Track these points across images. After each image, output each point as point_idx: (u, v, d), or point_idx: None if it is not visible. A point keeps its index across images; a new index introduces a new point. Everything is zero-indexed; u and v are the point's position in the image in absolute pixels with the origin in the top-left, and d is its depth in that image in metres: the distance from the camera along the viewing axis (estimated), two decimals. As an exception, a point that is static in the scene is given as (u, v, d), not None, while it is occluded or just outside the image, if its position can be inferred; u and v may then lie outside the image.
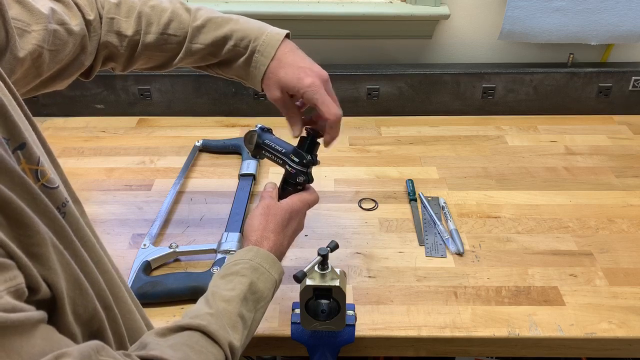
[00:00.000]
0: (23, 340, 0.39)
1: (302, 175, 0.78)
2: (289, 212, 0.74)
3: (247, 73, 0.77)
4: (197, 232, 0.97)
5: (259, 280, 0.65)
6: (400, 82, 1.29)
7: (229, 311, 0.61)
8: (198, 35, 0.76)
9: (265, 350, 0.82)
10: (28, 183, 0.44)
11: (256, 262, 0.66)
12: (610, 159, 1.17)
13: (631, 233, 0.96)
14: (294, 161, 0.78)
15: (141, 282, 0.84)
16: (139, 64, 0.80)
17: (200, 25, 0.76)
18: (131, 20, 0.76)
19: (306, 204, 0.77)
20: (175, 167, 1.14)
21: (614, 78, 1.28)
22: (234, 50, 0.76)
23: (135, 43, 0.77)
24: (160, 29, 0.76)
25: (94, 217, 1.01)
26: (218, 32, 0.76)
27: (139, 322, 0.60)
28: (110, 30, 0.75)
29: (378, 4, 1.27)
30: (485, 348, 0.80)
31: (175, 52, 0.78)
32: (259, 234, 0.71)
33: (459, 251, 0.92)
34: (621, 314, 0.81)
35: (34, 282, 0.43)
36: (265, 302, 0.66)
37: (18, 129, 0.47)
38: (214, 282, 0.65)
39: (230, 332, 0.58)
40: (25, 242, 0.42)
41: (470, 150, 1.20)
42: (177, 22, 0.77)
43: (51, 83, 0.73)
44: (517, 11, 1.19)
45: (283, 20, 1.25)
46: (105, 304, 0.53)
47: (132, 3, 0.77)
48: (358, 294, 0.85)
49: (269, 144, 0.81)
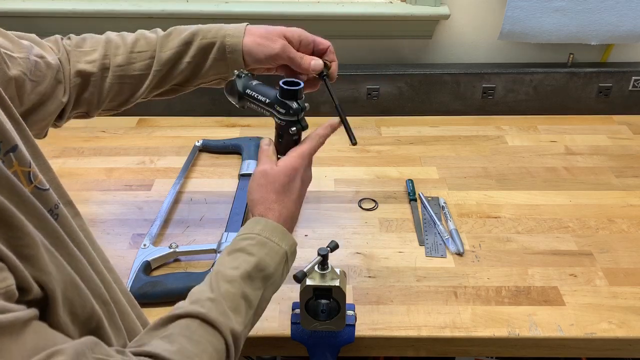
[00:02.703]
0: (12, 339, 0.39)
1: (293, 125, 0.72)
2: (287, 174, 0.69)
3: (224, 61, 0.77)
4: (197, 232, 0.97)
5: (268, 255, 0.62)
6: (400, 82, 1.29)
7: (232, 293, 0.58)
8: (166, 43, 0.77)
9: (265, 350, 0.82)
10: (17, 186, 0.45)
11: (265, 235, 0.64)
12: (610, 159, 1.17)
13: (631, 233, 0.96)
14: (281, 112, 0.72)
15: (141, 282, 0.84)
16: (111, 94, 0.79)
17: (167, 34, 0.78)
18: (99, 47, 0.77)
19: (305, 156, 0.71)
20: (175, 167, 1.14)
21: (614, 78, 1.28)
22: (202, 44, 0.76)
23: (105, 67, 0.77)
24: (128, 49, 0.77)
25: (94, 217, 1.01)
26: (184, 33, 0.77)
27: (134, 323, 0.60)
28: (78, 60, 0.76)
29: (378, 4, 1.27)
30: (485, 348, 0.80)
31: (145, 69, 0.77)
32: (262, 205, 0.67)
33: (459, 251, 0.92)
34: (621, 314, 0.81)
35: (25, 283, 0.43)
36: (277, 277, 0.64)
37: (9, 132, 0.48)
38: (221, 259, 0.63)
39: (232, 317, 0.57)
40: (15, 244, 0.43)
41: (470, 150, 1.20)
42: (144, 39, 0.78)
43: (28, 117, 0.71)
44: (517, 11, 1.19)
45: (283, 20, 1.25)
46: (102, 299, 0.53)
47: (96, 36, 0.79)
48: (358, 294, 0.85)
49: (251, 95, 0.74)
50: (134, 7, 1.24)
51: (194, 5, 1.24)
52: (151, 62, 0.77)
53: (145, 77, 0.78)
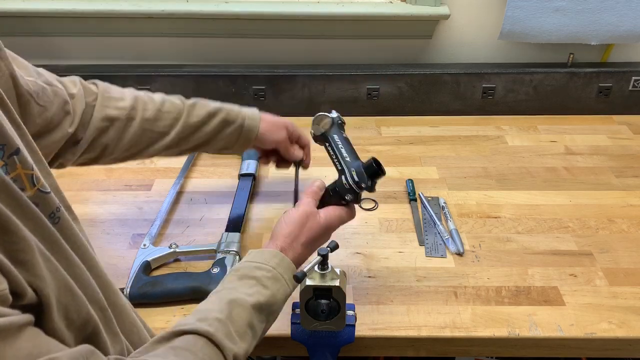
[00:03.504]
0: (7, 344, 0.39)
1: (352, 194, 0.75)
2: (325, 228, 0.73)
3: (237, 138, 0.89)
4: (197, 232, 0.97)
5: (279, 292, 0.65)
6: (400, 82, 1.29)
7: (242, 319, 0.60)
8: (193, 111, 0.86)
9: (265, 350, 0.82)
10: (15, 190, 0.45)
11: (278, 271, 0.66)
12: (610, 159, 1.17)
13: (631, 233, 0.96)
14: (353, 178, 0.75)
15: (141, 282, 0.84)
16: (130, 144, 0.83)
17: (193, 103, 0.87)
18: (127, 97, 0.82)
19: (341, 222, 0.76)
20: (175, 167, 1.14)
21: (614, 78, 1.28)
22: (224, 119, 0.87)
23: (131, 117, 0.81)
24: (156, 107, 0.84)
25: (94, 217, 1.01)
26: (210, 106, 0.87)
27: (133, 324, 0.60)
28: (107, 104, 0.80)
29: (378, 4, 1.26)
30: (485, 348, 0.80)
31: (169, 128, 0.84)
32: (289, 241, 0.70)
33: (459, 251, 0.92)
34: (621, 314, 0.81)
35: (19, 288, 0.43)
36: (278, 312, 0.66)
37: (12, 135, 0.48)
38: (232, 283, 0.64)
39: (237, 342, 0.58)
40: (10, 249, 0.43)
41: (470, 150, 1.20)
42: (169, 103, 0.86)
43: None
44: (517, 11, 1.19)
45: (283, 20, 1.25)
46: (99, 306, 0.53)
47: (118, 87, 0.84)
48: (358, 294, 0.85)
49: (335, 141, 0.79)
50: (134, 7, 1.24)
51: (194, 5, 1.24)
52: (174, 122, 0.85)
53: (166, 134, 0.84)
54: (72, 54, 1.33)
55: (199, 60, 1.33)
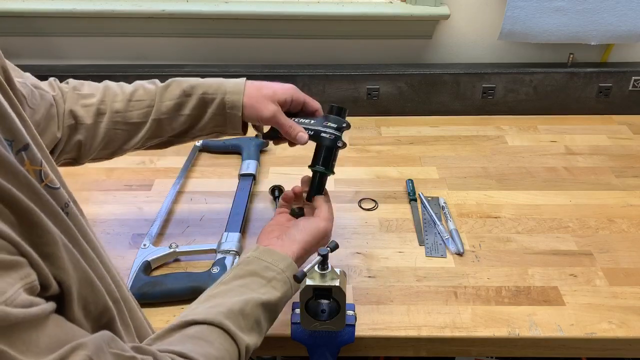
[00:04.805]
0: (39, 331, 0.41)
1: (340, 140, 0.80)
2: (326, 236, 0.76)
3: (223, 117, 0.79)
4: (197, 232, 0.97)
5: (285, 296, 0.67)
6: (400, 82, 1.29)
7: (254, 315, 0.62)
8: (165, 94, 0.78)
9: (265, 350, 0.82)
10: (34, 184, 0.45)
11: (287, 275, 0.68)
12: (610, 159, 1.17)
13: (631, 233, 0.96)
14: (332, 127, 0.79)
15: (141, 282, 0.84)
16: (105, 141, 0.79)
17: (166, 85, 0.79)
18: (97, 92, 0.79)
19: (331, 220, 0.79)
20: (175, 167, 1.14)
21: (614, 78, 1.28)
22: (202, 98, 0.78)
23: (101, 112, 0.78)
24: (126, 97, 0.79)
25: (94, 217, 1.01)
26: (184, 85, 0.79)
27: (141, 319, 0.60)
28: (75, 101, 0.77)
29: (378, 4, 1.27)
30: (485, 348, 0.80)
31: (143, 118, 0.78)
32: (298, 250, 0.71)
33: (459, 251, 0.92)
34: (621, 314, 0.81)
35: (45, 281, 0.44)
36: (278, 314, 0.69)
37: (20, 131, 0.48)
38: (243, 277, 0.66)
39: (247, 334, 0.60)
40: (36, 242, 0.43)
41: (470, 150, 1.20)
42: (142, 89, 0.80)
43: None
44: (517, 11, 1.19)
45: (283, 20, 1.25)
46: (113, 297, 0.54)
47: (94, 83, 0.80)
48: (358, 294, 0.85)
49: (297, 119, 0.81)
50: (134, 7, 1.24)
51: (194, 5, 1.24)
52: (149, 110, 0.78)
53: (142, 125, 0.79)
54: (72, 54, 1.33)
55: (199, 60, 1.33)
